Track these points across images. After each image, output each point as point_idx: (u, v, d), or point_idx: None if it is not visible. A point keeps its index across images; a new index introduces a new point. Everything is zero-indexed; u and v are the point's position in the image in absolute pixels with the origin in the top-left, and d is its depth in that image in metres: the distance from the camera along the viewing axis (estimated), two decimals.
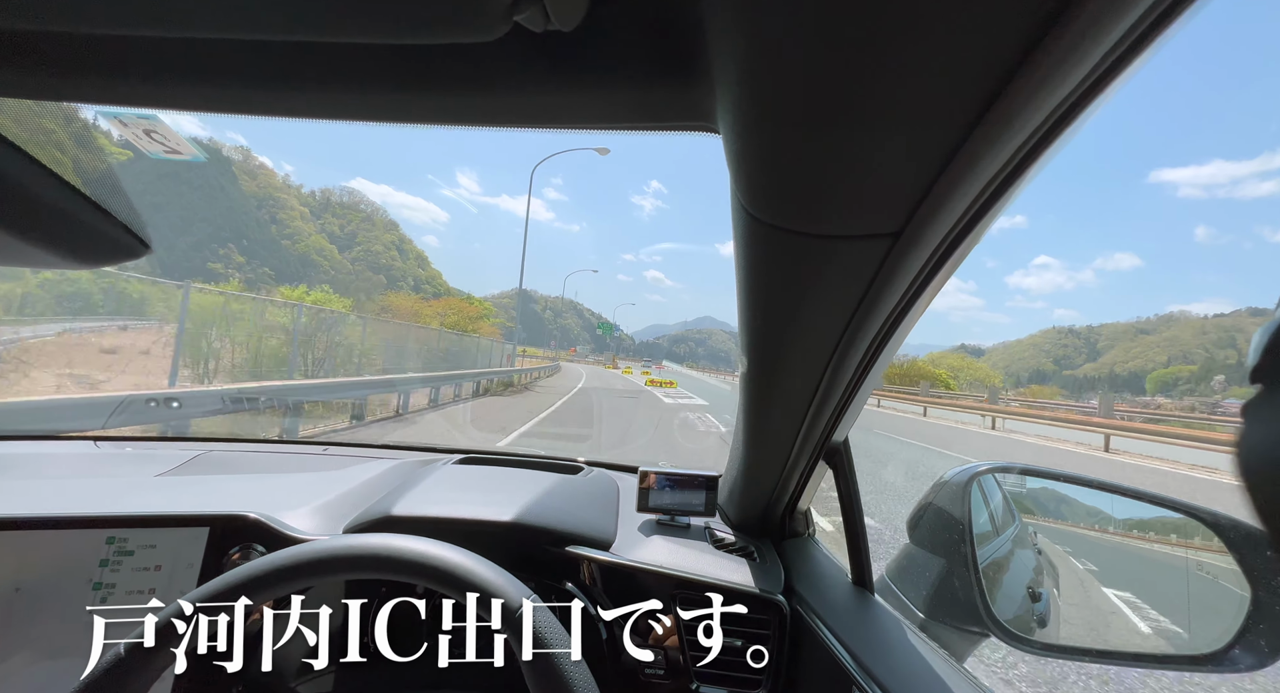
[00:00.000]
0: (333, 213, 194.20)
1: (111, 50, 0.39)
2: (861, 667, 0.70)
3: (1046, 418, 17.79)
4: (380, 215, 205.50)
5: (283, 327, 10.51)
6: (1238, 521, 0.73)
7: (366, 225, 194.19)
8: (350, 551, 0.55)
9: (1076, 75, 0.28)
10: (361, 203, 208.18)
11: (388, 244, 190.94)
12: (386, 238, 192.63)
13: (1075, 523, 0.97)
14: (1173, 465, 11.11)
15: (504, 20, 0.28)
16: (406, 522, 0.90)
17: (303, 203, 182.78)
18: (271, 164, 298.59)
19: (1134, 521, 0.89)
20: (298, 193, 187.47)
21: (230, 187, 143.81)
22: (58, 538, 0.86)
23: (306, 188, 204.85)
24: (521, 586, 0.55)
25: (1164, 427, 14.82)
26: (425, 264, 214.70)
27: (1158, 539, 0.88)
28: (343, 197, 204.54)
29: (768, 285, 0.53)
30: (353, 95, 0.42)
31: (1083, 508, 0.97)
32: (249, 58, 0.40)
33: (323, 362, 11.29)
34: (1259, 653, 0.67)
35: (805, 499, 1.03)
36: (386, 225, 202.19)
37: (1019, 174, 0.35)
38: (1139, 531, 0.90)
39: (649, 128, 0.44)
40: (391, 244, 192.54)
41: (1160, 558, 0.87)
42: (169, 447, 1.41)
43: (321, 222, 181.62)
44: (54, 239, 0.44)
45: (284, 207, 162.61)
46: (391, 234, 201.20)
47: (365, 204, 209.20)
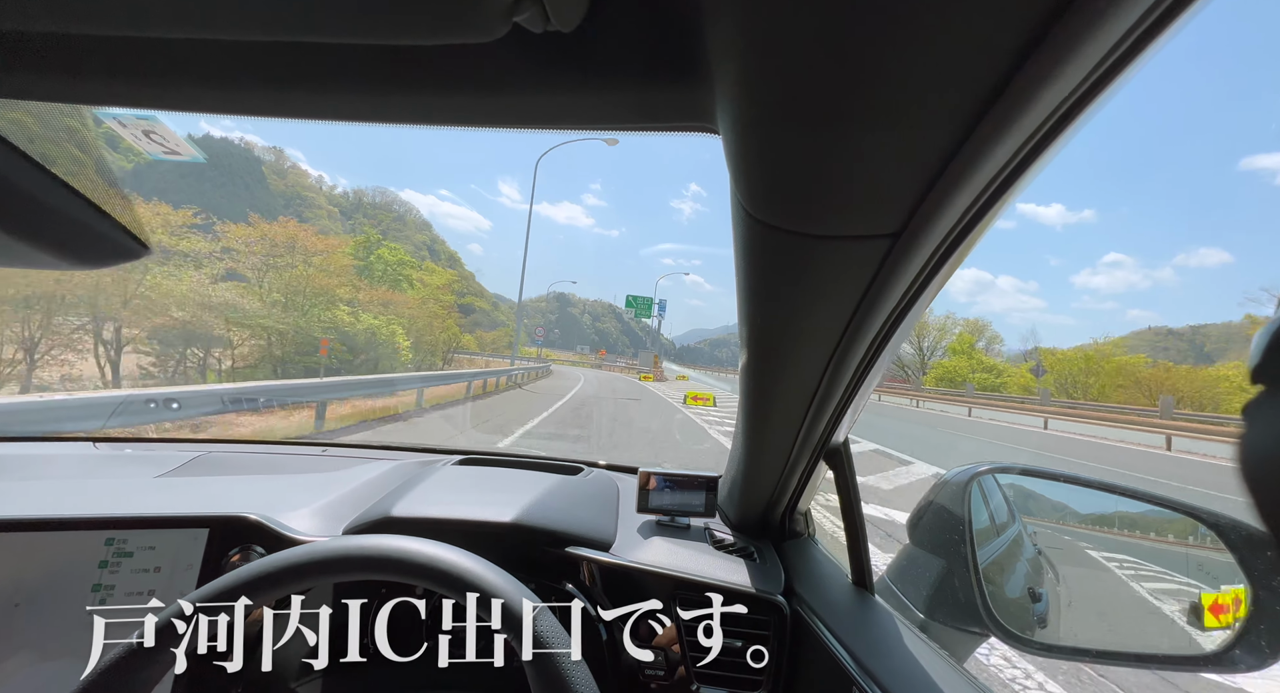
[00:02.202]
0: (364, 213, 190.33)
1: (112, 52, 0.39)
2: (861, 667, 0.70)
3: (1094, 418, 16.85)
4: (413, 215, 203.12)
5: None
6: (1238, 521, 0.73)
7: (398, 225, 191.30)
8: (350, 552, 0.55)
9: (1077, 75, 0.28)
10: (394, 203, 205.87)
11: (419, 244, 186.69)
12: (418, 238, 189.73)
13: (1074, 523, 0.97)
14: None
15: (503, 21, 0.28)
16: (406, 523, 0.90)
17: (332, 202, 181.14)
18: (306, 165, 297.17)
19: (1135, 520, 0.89)
20: (328, 193, 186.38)
21: (256, 185, 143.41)
22: (57, 540, 0.85)
23: (340, 189, 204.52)
24: (522, 587, 0.55)
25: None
26: (458, 265, 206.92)
27: (1158, 540, 0.88)
28: (375, 197, 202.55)
29: (768, 286, 0.53)
30: (352, 96, 0.42)
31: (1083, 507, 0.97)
32: (247, 59, 0.40)
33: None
34: (1260, 653, 0.67)
35: (805, 500, 1.03)
36: (419, 225, 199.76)
37: (1019, 174, 0.35)
38: (1140, 531, 0.90)
39: (649, 128, 0.44)
40: (423, 244, 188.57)
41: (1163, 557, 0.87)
42: (168, 448, 1.41)
43: (352, 221, 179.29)
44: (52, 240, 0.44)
45: (311, 205, 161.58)
46: (424, 234, 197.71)
47: (398, 204, 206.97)
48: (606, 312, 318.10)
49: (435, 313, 24.48)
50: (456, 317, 31.03)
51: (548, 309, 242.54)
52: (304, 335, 15.27)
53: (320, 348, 15.00)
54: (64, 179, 0.40)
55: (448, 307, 26.76)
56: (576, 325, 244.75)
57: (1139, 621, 0.89)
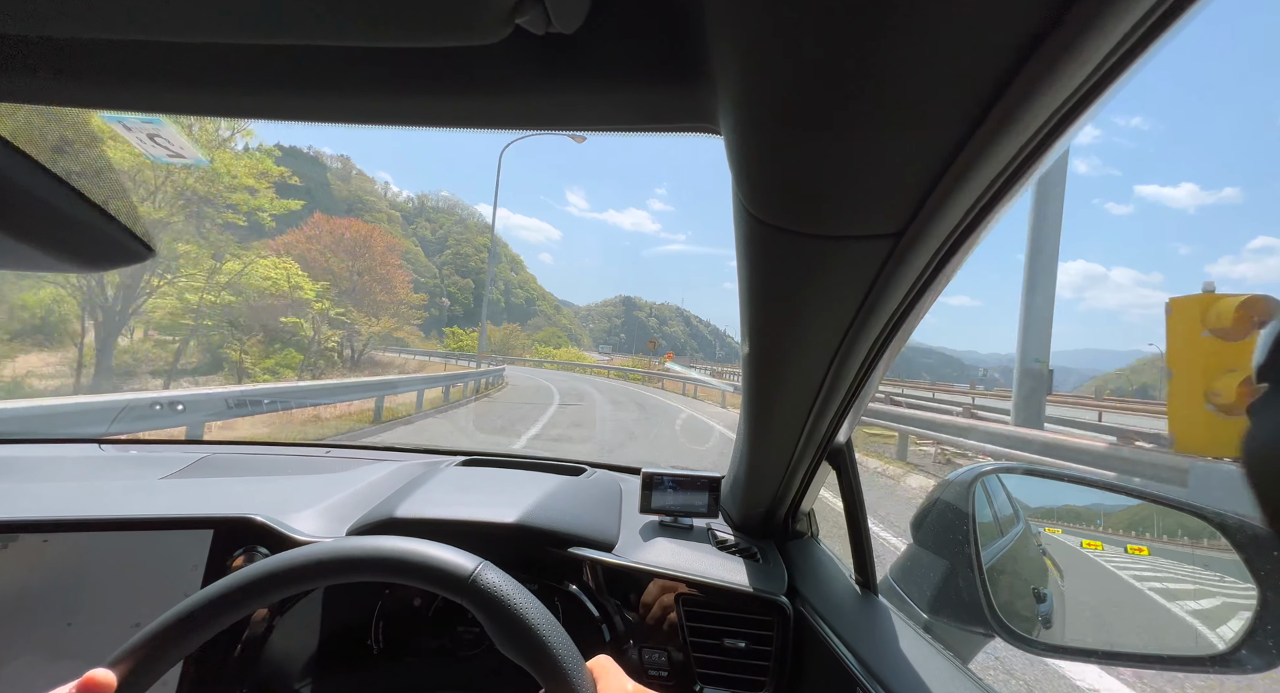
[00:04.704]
0: (426, 217, 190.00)
1: (113, 56, 0.40)
2: (865, 668, 0.70)
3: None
4: (474, 219, 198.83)
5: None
6: (1244, 520, 0.73)
7: (459, 228, 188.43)
8: (286, 565, 0.50)
9: (1080, 74, 0.28)
10: (456, 207, 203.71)
11: (478, 246, 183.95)
12: (479, 240, 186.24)
13: (1080, 524, 0.96)
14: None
15: (505, 23, 0.28)
16: (410, 524, 0.91)
17: (394, 207, 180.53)
18: (374, 173, 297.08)
19: (1140, 521, 0.89)
20: (390, 199, 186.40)
21: (319, 191, 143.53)
22: (62, 541, 0.86)
23: (404, 196, 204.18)
24: (470, 554, 0.51)
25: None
26: (519, 268, 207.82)
27: (1164, 540, 0.87)
28: (437, 202, 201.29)
29: (770, 286, 0.53)
30: (354, 98, 0.42)
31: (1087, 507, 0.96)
32: (250, 62, 0.40)
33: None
34: (1267, 654, 0.67)
35: (808, 500, 1.03)
36: (480, 228, 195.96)
37: (1022, 173, 0.35)
38: (1145, 531, 0.89)
39: (651, 129, 0.44)
40: (483, 246, 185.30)
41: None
42: (173, 449, 1.41)
43: (414, 226, 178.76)
44: (58, 243, 0.44)
45: (371, 208, 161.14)
46: (485, 236, 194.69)
47: (460, 208, 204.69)
48: (674, 314, 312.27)
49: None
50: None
51: (614, 313, 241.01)
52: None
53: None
54: (70, 183, 0.40)
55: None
56: (643, 329, 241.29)
57: (1144, 621, 0.88)
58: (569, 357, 49.04)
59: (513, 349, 58.04)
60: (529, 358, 49.95)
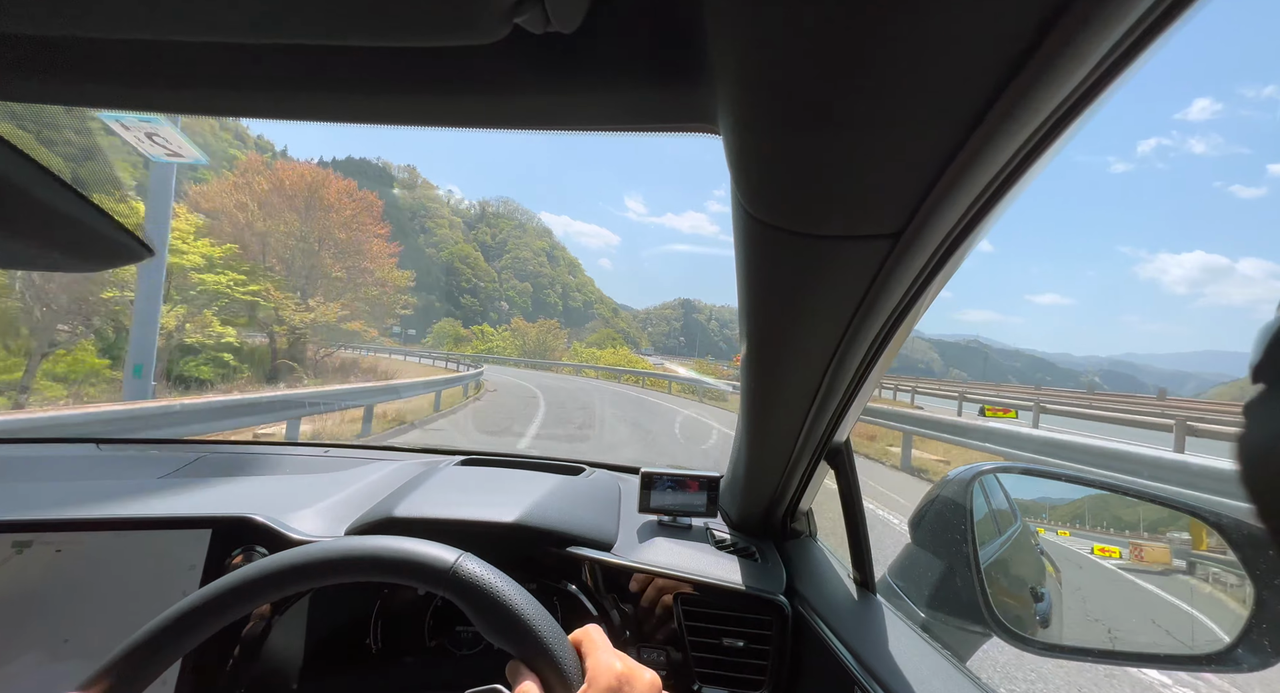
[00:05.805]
0: (486, 223, 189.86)
1: (115, 56, 0.39)
2: (863, 666, 0.70)
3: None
4: (533, 223, 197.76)
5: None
6: (1240, 520, 0.73)
7: (518, 232, 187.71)
8: (265, 571, 0.48)
9: (1078, 75, 0.28)
10: (516, 212, 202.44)
11: (537, 250, 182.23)
12: (537, 244, 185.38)
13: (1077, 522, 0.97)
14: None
15: (504, 22, 0.28)
16: (409, 523, 0.91)
17: (456, 213, 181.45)
18: (438, 181, 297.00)
19: (1138, 520, 0.89)
20: (453, 206, 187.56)
21: (385, 195, 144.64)
22: (61, 541, 0.86)
23: (466, 202, 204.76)
24: (451, 548, 0.51)
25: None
26: (577, 271, 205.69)
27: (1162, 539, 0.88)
28: (498, 207, 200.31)
29: (769, 286, 0.53)
30: (353, 97, 0.42)
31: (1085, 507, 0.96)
32: (250, 61, 0.40)
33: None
34: (1263, 653, 0.67)
35: (807, 500, 1.03)
36: (539, 232, 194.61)
37: (1019, 174, 0.35)
38: (1144, 530, 0.89)
39: (650, 129, 0.44)
40: (541, 250, 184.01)
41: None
42: (170, 449, 1.41)
43: (475, 231, 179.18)
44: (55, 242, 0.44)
45: (434, 215, 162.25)
46: (544, 240, 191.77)
47: (520, 213, 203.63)
48: (734, 317, 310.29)
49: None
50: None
51: (672, 317, 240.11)
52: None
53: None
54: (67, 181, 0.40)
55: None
56: (703, 332, 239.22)
57: (1141, 620, 0.88)
58: (615, 360, 39.40)
59: (550, 351, 52.81)
60: (566, 361, 42.99)
